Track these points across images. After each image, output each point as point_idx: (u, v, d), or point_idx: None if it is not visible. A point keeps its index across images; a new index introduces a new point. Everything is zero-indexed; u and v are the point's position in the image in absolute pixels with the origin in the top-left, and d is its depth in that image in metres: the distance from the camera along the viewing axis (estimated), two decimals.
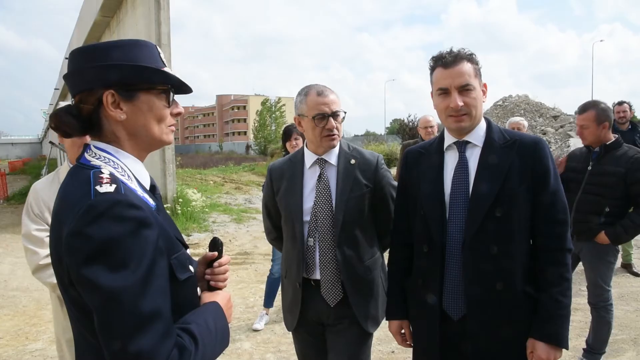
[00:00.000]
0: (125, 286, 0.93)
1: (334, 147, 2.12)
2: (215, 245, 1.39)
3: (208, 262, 1.38)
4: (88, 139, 1.17)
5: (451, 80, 1.71)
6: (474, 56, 1.75)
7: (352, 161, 2.14)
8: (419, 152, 1.96)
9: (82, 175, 1.05)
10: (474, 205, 1.72)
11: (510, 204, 1.70)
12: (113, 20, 14.84)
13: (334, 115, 2.06)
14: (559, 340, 1.68)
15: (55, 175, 2.13)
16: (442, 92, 1.75)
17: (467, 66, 1.71)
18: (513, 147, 1.75)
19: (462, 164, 1.80)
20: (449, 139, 1.85)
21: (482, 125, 1.82)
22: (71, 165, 1.90)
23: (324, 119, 2.04)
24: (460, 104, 1.70)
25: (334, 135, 2.08)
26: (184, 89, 1.21)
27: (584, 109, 3.29)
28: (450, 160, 1.84)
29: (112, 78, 1.10)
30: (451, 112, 1.74)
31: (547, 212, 1.73)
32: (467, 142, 1.81)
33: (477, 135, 1.80)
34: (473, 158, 1.79)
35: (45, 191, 2.03)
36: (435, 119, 5.12)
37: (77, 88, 1.11)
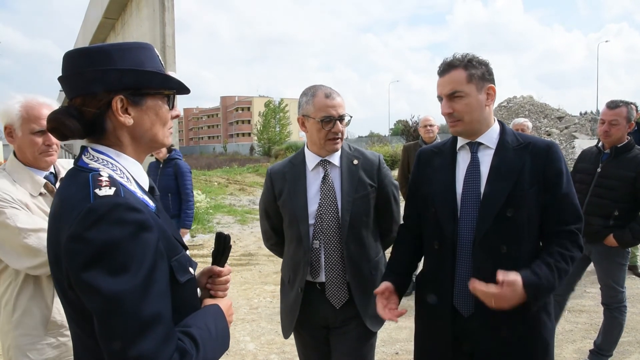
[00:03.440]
0: (125, 290, 0.93)
1: (337, 150, 2.12)
2: (220, 239, 1.36)
3: (214, 259, 1.37)
4: (57, 142, 1.15)
5: (441, 89, 1.80)
6: (473, 62, 1.76)
7: (355, 162, 2.14)
8: (432, 152, 2.01)
9: (81, 178, 1.04)
10: (486, 205, 1.75)
11: (521, 205, 1.72)
12: (118, 22, 14.92)
13: (341, 118, 2.06)
14: (535, 298, 1.62)
15: (7, 174, 1.87)
16: (439, 100, 1.84)
17: (457, 73, 1.76)
18: (526, 150, 1.78)
19: (474, 164, 1.83)
20: (461, 140, 1.90)
21: (496, 127, 1.86)
22: (16, 161, 1.89)
23: (330, 122, 2.04)
24: (449, 110, 1.78)
25: (338, 139, 2.08)
26: (183, 90, 1.22)
27: (616, 105, 3.23)
28: (463, 160, 1.88)
29: (124, 83, 1.08)
30: (445, 118, 1.82)
31: (558, 215, 1.75)
32: (480, 144, 1.84)
33: (490, 138, 1.83)
34: (485, 159, 1.82)
35: (9, 187, 1.81)
36: (436, 119, 5.18)
37: (80, 91, 1.09)
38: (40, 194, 1.89)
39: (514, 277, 1.59)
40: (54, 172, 1.99)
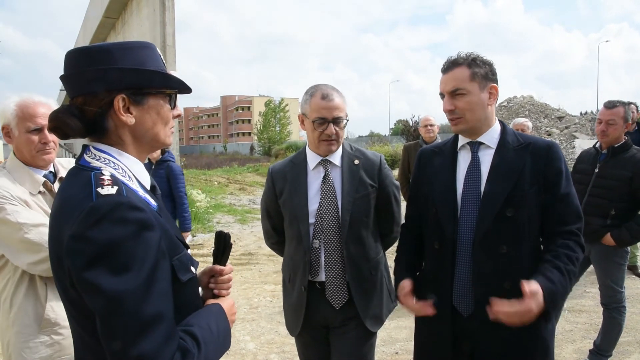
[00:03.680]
0: (127, 290, 0.93)
1: (332, 152, 2.12)
2: (220, 238, 1.36)
3: (215, 258, 1.37)
4: (55, 139, 1.14)
5: (444, 86, 1.80)
6: (477, 60, 1.77)
7: (356, 162, 2.15)
8: (433, 152, 2.01)
9: (83, 177, 1.04)
10: (485, 204, 1.75)
11: (521, 205, 1.72)
12: (118, 21, 14.92)
13: (335, 121, 2.04)
14: (552, 306, 1.61)
15: (7, 173, 1.90)
16: (442, 97, 1.84)
17: (461, 71, 1.76)
18: (526, 150, 1.78)
19: (475, 164, 1.83)
20: (462, 140, 1.90)
21: (496, 127, 1.86)
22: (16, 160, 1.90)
23: (323, 123, 2.03)
24: (450, 107, 1.78)
25: (332, 140, 2.07)
26: (185, 90, 1.22)
27: (613, 104, 3.26)
28: (463, 160, 1.88)
29: (126, 82, 1.08)
30: (447, 115, 1.82)
31: (559, 215, 1.75)
32: (481, 143, 1.84)
33: (491, 137, 1.84)
34: (486, 159, 1.82)
35: (8, 185, 1.82)
36: (436, 119, 5.18)
37: (82, 90, 1.09)
38: (40, 192, 1.90)
39: (536, 287, 1.57)
40: (53, 171, 2.00)
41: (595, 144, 3.44)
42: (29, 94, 1.90)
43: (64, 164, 2.07)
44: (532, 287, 1.56)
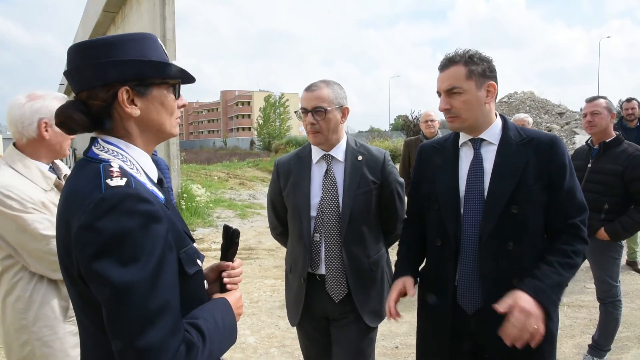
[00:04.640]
0: (134, 281, 0.93)
1: (315, 143, 2.13)
2: (227, 233, 1.37)
3: (222, 253, 1.38)
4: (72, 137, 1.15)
5: (440, 84, 1.80)
6: (474, 58, 1.74)
7: (359, 157, 2.15)
8: (434, 148, 1.99)
9: (91, 168, 1.04)
10: (490, 202, 1.74)
11: (527, 201, 1.72)
12: (118, 15, 14.86)
13: (315, 110, 2.04)
14: (547, 300, 1.59)
15: (6, 166, 1.89)
16: (439, 95, 1.83)
17: (457, 69, 1.74)
18: (529, 145, 1.76)
19: (477, 161, 1.82)
20: (464, 136, 1.88)
21: (498, 123, 1.85)
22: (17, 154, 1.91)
23: (305, 114, 2.07)
24: (446, 106, 1.78)
25: (315, 131, 2.07)
26: (188, 79, 1.22)
27: (594, 98, 3.39)
28: (465, 157, 1.87)
29: (129, 74, 1.08)
30: (444, 114, 1.82)
31: (563, 209, 1.75)
32: (482, 140, 1.83)
33: (493, 134, 1.82)
34: (489, 155, 1.81)
35: (21, 185, 1.82)
36: (437, 114, 5.16)
37: (86, 84, 1.08)
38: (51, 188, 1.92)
39: (514, 297, 1.57)
40: (51, 167, 2.01)
41: (587, 140, 3.48)
42: (51, 92, 1.94)
43: (59, 164, 2.10)
44: (506, 303, 1.55)
